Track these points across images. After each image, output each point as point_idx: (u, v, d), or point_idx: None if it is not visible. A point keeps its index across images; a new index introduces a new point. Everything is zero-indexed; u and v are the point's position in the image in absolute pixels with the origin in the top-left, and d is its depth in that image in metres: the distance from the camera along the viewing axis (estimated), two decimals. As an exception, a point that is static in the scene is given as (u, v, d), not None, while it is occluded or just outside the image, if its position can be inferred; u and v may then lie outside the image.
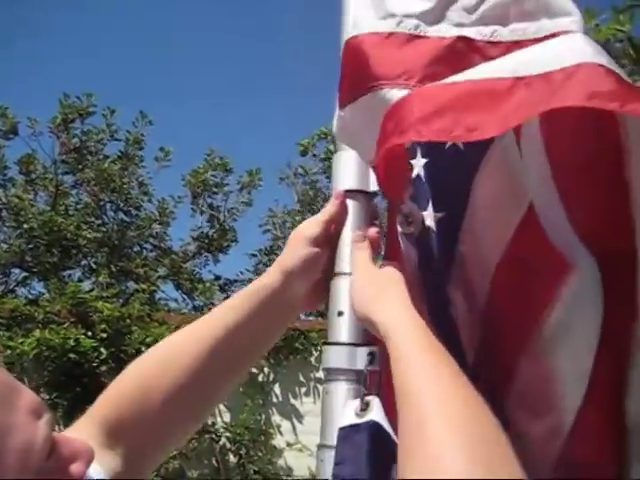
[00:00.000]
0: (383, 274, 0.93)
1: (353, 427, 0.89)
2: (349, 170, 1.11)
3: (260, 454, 5.66)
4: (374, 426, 0.88)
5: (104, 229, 8.11)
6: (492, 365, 0.89)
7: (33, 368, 5.56)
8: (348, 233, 1.06)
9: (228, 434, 5.67)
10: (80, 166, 8.05)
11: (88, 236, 7.76)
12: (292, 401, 5.76)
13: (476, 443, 0.63)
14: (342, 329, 1.01)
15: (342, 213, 1.07)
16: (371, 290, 0.92)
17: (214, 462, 5.71)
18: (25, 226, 7.67)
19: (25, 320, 5.70)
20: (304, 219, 1.18)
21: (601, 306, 0.81)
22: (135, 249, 8.29)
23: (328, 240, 1.05)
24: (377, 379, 0.94)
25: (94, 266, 7.87)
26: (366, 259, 0.98)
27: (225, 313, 1.02)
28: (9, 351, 5.36)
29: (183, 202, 8.63)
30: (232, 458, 5.71)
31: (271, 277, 1.03)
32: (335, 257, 1.05)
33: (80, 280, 7.52)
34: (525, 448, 0.78)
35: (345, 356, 0.98)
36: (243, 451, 5.62)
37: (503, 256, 0.89)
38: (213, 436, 5.66)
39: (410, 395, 0.72)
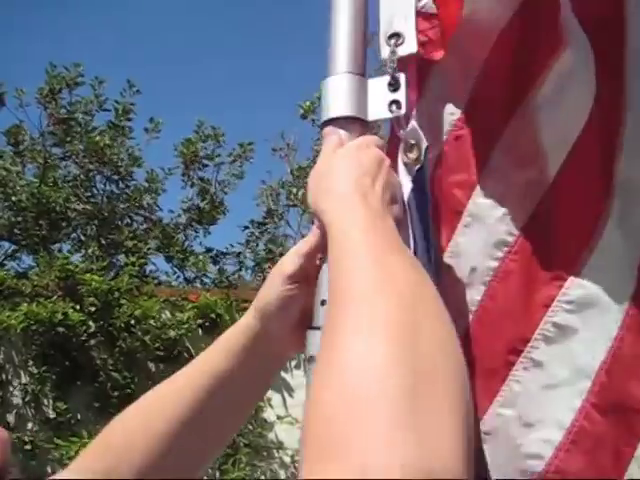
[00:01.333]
0: (347, 161, 0.84)
1: None
2: (342, 94, 0.93)
3: (250, 427, 5.64)
4: None
5: (94, 201, 8.02)
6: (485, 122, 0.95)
7: (21, 342, 5.51)
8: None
9: (219, 407, 5.65)
10: (68, 138, 7.94)
11: (77, 208, 7.67)
12: (282, 374, 5.73)
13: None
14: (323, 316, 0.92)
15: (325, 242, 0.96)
16: (327, 178, 0.83)
17: (204, 435, 5.70)
18: (13, 199, 7.58)
19: (12, 294, 5.64)
20: (298, 191, 1.08)
21: (592, 85, 0.87)
22: (125, 221, 8.22)
23: (308, 275, 0.91)
24: None
25: (83, 239, 7.80)
26: (333, 146, 0.87)
27: (209, 360, 0.94)
28: (-4, 325, 5.32)
29: (173, 174, 8.56)
30: (222, 431, 5.69)
31: (249, 318, 0.95)
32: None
33: (70, 253, 7.45)
34: (507, 191, 0.91)
35: None
36: (233, 424, 5.60)
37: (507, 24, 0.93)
38: (203, 409, 5.64)
39: (339, 292, 0.65)
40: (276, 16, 16.24)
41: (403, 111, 0.90)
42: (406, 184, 0.92)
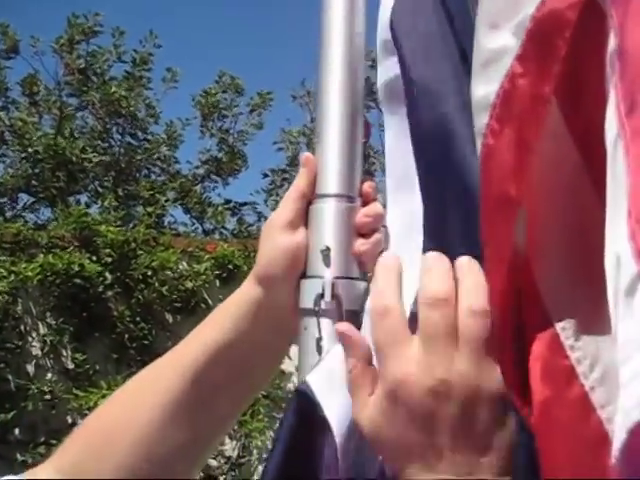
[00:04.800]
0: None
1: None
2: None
3: (268, 378, 5.63)
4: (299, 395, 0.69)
5: (110, 152, 7.94)
6: None
7: (39, 293, 5.49)
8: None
9: (237, 358, 5.63)
10: (85, 88, 7.82)
11: (94, 159, 7.59)
12: (301, 325, 5.69)
13: None
14: (324, 263, 0.79)
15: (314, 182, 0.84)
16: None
17: (222, 386, 5.69)
18: (30, 150, 7.51)
19: (29, 245, 5.60)
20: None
21: None
22: (143, 172, 8.14)
23: (306, 222, 0.82)
24: (338, 317, 0.75)
25: (101, 190, 7.74)
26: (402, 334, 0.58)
27: (204, 337, 0.83)
28: (13, 276, 5.29)
29: (191, 124, 8.44)
30: (240, 382, 5.68)
31: (247, 288, 0.83)
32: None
33: (87, 205, 7.41)
34: None
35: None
36: (251, 375, 5.58)
37: None
38: (222, 360, 5.63)
39: None
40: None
41: None
42: None
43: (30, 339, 5.52)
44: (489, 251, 0.53)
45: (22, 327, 5.50)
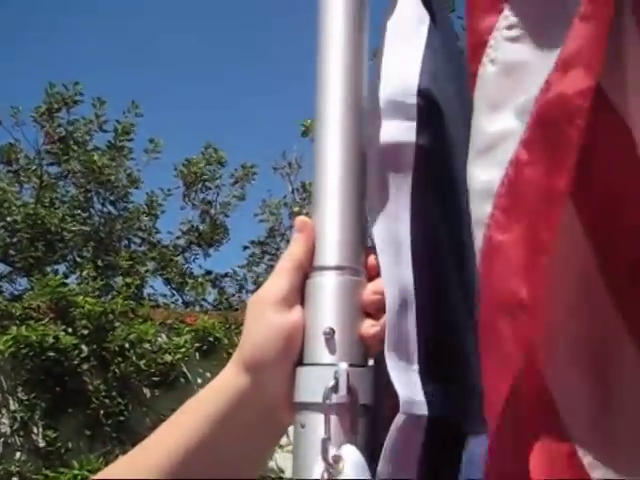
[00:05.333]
0: None
1: None
2: None
3: (249, 457, 5.42)
4: None
5: (90, 222, 7.84)
6: None
7: (10, 367, 5.29)
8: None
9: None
10: (65, 157, 7.77)
11: (73, 229, 7.48)
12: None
13: None
14: (328, 348, 0.67)
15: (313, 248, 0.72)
16: None
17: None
18: (8, 219, 7.39)
19: (2, 317, 5.42)
20: (302, 210, 0.78)
21: None
22: (123, 243, 8.02)
23: (302, 299, 0.70)
24: (351, 414, 0.63)
25: (79, 260, 7.59)
26: None
27: (182, 428, 0.70)
28: (-16, 349, 5.09)
29: (173, 194, 8.38)
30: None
31: (229, 377, 0.71)
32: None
33: (65, 275, 7.23)
34: None
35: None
36: (231, 453, 5.38)
37: None
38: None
39: None
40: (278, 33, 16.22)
41: None
42: None
43: (-1, 416, 5.30)
44: (490, 356, 0.49)
45: (-9, 403, 5.29)
